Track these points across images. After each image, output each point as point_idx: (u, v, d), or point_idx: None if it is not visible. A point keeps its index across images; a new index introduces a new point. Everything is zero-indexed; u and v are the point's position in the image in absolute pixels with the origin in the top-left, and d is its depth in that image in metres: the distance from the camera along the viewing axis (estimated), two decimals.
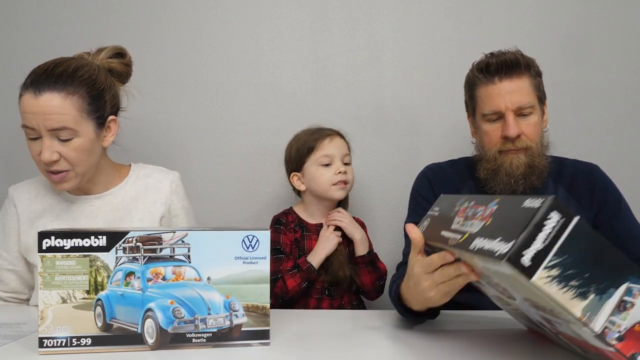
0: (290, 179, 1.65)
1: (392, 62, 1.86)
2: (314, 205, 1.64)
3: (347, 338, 1.09)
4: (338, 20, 1.86)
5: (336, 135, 1.62)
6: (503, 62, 1.28)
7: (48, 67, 1.22)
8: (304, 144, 1.61)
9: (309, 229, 1.62)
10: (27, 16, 1.89)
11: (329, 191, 1.58)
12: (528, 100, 1.28)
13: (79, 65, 1.25)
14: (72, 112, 1.21)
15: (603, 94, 1.82)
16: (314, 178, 1.59)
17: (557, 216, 0.67)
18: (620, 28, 1.81)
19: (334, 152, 1.58)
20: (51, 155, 1.21)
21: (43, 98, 1.19)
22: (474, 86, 1.34)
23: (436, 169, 1.45)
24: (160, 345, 0.97)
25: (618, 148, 1.81)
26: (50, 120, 1.19)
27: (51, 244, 0.95)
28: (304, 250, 1.59)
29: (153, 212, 1.38)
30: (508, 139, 1.28)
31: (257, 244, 1.01)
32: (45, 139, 1.21)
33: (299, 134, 1.65)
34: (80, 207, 1.36)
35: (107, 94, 1.29)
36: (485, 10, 1.83)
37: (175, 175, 1.45)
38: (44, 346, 0.95)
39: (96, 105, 1.26)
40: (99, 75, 1.28)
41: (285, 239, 1.58)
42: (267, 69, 1.88)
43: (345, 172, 1.59)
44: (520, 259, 0.66)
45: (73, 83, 1.22)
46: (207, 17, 1.88)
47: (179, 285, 0.98)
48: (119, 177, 1.41)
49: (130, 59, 1.39)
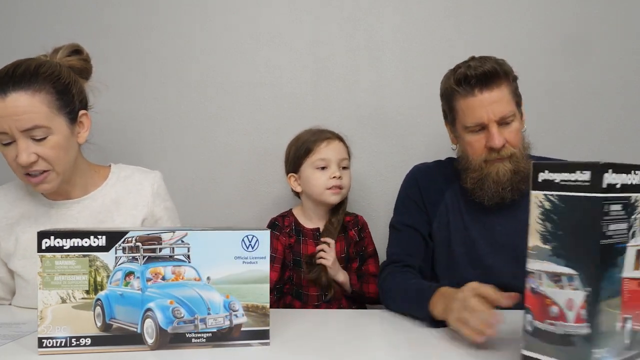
0: (288, 180, 1.65)
1: (392, 62, 1.86)
2: (311, 209, 1.63)
3: (347, 338, 1.09)
4: (338, 20, 1.86)
5: (335, 138, 1.61)
6: (482, 74, 1.27)
7: (9, 69, 1.19)
8: (302, 145, 1.60)
9: (305, 234, 1.61)
10: (27, 16, 1.89)
11: (323, 195, 1.57)
12: (509, 109, 1.28)
13: (39, 63, 1.22)
14: (42, 109, 1.18)
15: (603, 94, 1.81)
16: (309, 181, 1.59)
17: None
18: (620, 28, 1.81)
19: (330, 156, 1.57)
20: (28, 157, 1.18)
21: (10, 99, 1.16)
22: (452, 98, 1.33)
23: (424, 170, 1.48)
24: (159, 345, 0.97)
25: (617, 148, 1.81)
26: (21, 120, 1.16)
27: (50, 243, 0.95)
28: (299, 255, 1.58)
29: (135, 214, 1.34)
30: (493, 149, 1.28)
31: (257, 244, 1.01)
32: (20, 141, 1.18)
33: (301, 134, 1.64)
34: (59, 211, 1.32)
35: (74, 87, 1.26)
36: (485, 10, 1.83)
37: (157, 175, 1.41)
38: (43, 346, 0.94)
39: (65, 100, 1.23)
40: (62, 70, 1.25)
41: (277, 244, 1.57)
42: (267, 69, 1.88)
43: (341, 177, 1.57)
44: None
45: (37, 80, 1.19)
46: (207, 17, 1.88)
47: (178, 285, 0.98)
48: (99, 179, 1.37)
49: (88, 55, 1.35)
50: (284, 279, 1.58)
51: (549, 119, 1.79)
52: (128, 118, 1.87)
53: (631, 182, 0.79)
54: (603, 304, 0.78)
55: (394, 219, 1.46)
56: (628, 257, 0.81)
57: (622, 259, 0.80)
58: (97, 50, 1.38)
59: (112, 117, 1.76)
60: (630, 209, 0.80)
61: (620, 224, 0.78)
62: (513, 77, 1.32)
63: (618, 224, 0.78)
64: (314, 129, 1.64)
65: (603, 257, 0.76)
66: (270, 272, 1.38)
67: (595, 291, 0.76)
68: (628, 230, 0.80)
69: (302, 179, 1.60)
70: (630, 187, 0.79)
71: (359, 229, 1.65)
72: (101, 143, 1.39)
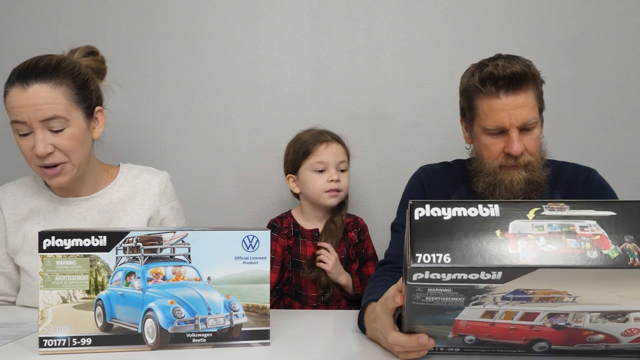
0: (286, 180, 1.65)
1: (392, 62, 1.86)
2: (310, 210, 1.63)
3: (347, 338, 1.09)
4: (338, 20, 1.86)
5: (333, 141, 1.59)
6: (510, 75, 1.19)
7: (32, 62, 1.25)
8: (301, 147, 1.59)
9: (304, 235, 1.61)
10: (26, 15, 1.89)
11: (321, 198, 1.57)
12: (533, 116, 1.22)
13: (61, 58, 1.28)
14: (62, 101, 1.23)
15: (602, 94, 1.81)
16: (306, 183, 1.58)
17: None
18: (620, 28, 1.81)
19: (328, 159, 1.57)
20: (45, 148, 1.21)
21: (32, 90, 1.20)
22: (474, 96, 1.26)
23: (429, 171, 1.42)
24: (160, 345, 0.97)
25: (616, 148, 1.81)
26: (42, 110, 1.20)
27: (51, 243, 0.95)
28: (298, 257, 1.58)
29: (141, 213, 1.36)
30: (510, 155, 1.23)
31: (257, 244, 1.01)
32: (38, 131, 1.21)
33: (300, 135, 1.63)
34: (68, 208, 1.35)
35: (92, 84, 1.31)
36: (485, 10, 1.83)
37: (165, 175, 1.43)
38: (44, 346, 0.95)
39: (83, 95, 1.28)
40: (81, 67, 1.30)
41: (275, 246, 1.56)
42: (267, 69, 1.88)
43: (339, 180, 1.56)
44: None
45: (59, 74, 1.24)
46: (207, 17, 1.88)
47: (179, 285, 0.98)
48: (108, 178, 1.40)
49: (103, 57, 1.41)
50: (283, 280, 1.58)
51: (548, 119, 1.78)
52: (128, 118, 1.87)
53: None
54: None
55: (395, 220, 1.42)
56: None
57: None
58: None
59: (113, 117, 1.76)
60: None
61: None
62: (540, 82, 1.26)
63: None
64: (313, 129, 1.63)
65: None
66: (270, 274, 1.37)
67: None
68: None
69: (301, 180, 1.60)
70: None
71: (359, 231, 1.65)
72: (102, 142, 1.41)
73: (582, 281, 0.77)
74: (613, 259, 0.74)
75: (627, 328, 0.84)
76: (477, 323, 0.86)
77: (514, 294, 0.78)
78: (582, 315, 0.83)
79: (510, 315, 0.84)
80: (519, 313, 0.84)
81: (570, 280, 0.76)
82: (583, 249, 0.75)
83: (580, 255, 0.75)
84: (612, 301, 0.80)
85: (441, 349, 0.94)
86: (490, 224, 0.78)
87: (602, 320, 0.83)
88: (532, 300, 0.80)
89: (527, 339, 0.89)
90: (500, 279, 0.75)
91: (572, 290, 0.78)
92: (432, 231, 0.77)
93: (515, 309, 0.82)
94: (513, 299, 0.80)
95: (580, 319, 0.83)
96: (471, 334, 0.89)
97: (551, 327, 0.85)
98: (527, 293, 0.79)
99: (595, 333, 0.86)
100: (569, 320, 0.83)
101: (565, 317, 0.83)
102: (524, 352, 0.93)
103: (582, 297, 0.79)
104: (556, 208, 0.79)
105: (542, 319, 0.84)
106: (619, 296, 0.79)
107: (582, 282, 0.77)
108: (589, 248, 0.75)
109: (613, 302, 0.80)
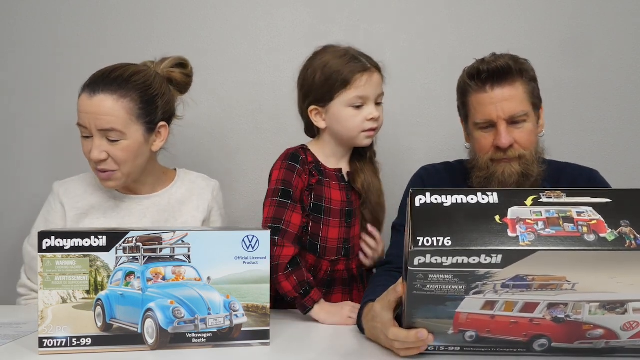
0: (307, 111, 1.36)
1: (392, 62, 1.86)
2: (331, 148, 1.38)
3: (347, 338, 1.09)
4: (338, 20, 1.86)
5: (375, 71, 1.35)
6: (494, 69, 1.23)
7: (106, 71, 1.30)
8: (335, 74, 1.31)
9: (327, 175, 1.36)
10: (26, 15, 1.89)
11: (357, 138, 1.35)
12: (521, 109, 1.24)
13: (135, 71, 1.31)
14: (122, 115, 1.27)
15: (602, 95, 1.81)
16: (339, 120, 1.33)
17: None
18: (619, 28, 1.81)
19: (369, 93, 1.32)
20: (99, 155, 1.27)
21: (97, 99, 1.26)
22: (466, 93, 1.30)
23: (431, 171, 1.44)
24: (160, 345, 0.97)
25: (616, 148, 1.81)
26: (100, 120, 1.26)
27: (51, 243, 0.95)
28: (320, 200, 1.34)
29: (196, 216, 1.43)
30: (499, 148, 1.25)
31: (257, 244, 1.01)
32: (96, 138, 1.27)
33: (327, 57, 1.34)
34: (129, 206, 1.40)
35: (160, 100, 1.34)
36: (485, 10, 1.83)
37: (217, 184, 1.51)
38: (44, 346, 0.95)
39: (147, 110, 1.31)
40: (155, 82, 1.33)
41: (298, 182, 1.31)
42: (267, 68, 1.88)
43: (379, 117, 1.35)
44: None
45: (127, 87, 1.28)
46: (207, 17, 1.88)
47: (179, 285, 0.98)
48: (166, 180, 1.46)
49: (192, 69, 1.45)
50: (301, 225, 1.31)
51: (548, 119, 1.78)
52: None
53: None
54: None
55: (396, 220, 1.43)
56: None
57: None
58: (97, 51, 1.39)
59: None
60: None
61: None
62: (530, 77, 1.28)
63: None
64: (342, 49, 1.36)
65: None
66: (292, 215, 1.27)
67: None
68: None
69: (330, 115, 1.33)
70: None
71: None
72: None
73: (580, 265, 0.78)
74: (610, 241, 0.76)
75: (627, 321, 0.85)
76: (477, 316, 0.87)
77: (514, 280, 0.80)
78: (581, 306, 0.84)
79: (510, 307, 0.86)
80: (519, 304, 0.85)
81: (569, 264, 0.78)
82: (581, 233, 0.77)
83: (579, 239, 0.77)
84: (610, 289, 0.81)
85: (442, 348, 0.94)
86: (490, 210, 0.80)
87: (602, 312, 0.84)
88: (532, 287, 0.81)
89: (527, 334, 0.89)
90: (500, 262, 0.77)
91: (570, 275, 0.80)
92: (432, 217, 0.79)
93: (515, 298, 0.84)
94: (513, 286, 0.81)
95: (579, 309, 0.84)
96: (471, 329, 0.89)
97: (551, 320, 0.86)
98: (526, 279, 0.80)
99: (595, 327, 0.87)
100: (569, 312, 0.85)
101: (565, 308, 0.84)
102: (524, 351, 0.93)
103: (581, 284, 0.81)
104: (553, 196, 0.81)
105: (542, 311, 0.85)
106: (618, 283, 0.80)
107: (580, 266, 0.78)
108: (586, 232, 0.77)
109: (611, 289, 0.81)
